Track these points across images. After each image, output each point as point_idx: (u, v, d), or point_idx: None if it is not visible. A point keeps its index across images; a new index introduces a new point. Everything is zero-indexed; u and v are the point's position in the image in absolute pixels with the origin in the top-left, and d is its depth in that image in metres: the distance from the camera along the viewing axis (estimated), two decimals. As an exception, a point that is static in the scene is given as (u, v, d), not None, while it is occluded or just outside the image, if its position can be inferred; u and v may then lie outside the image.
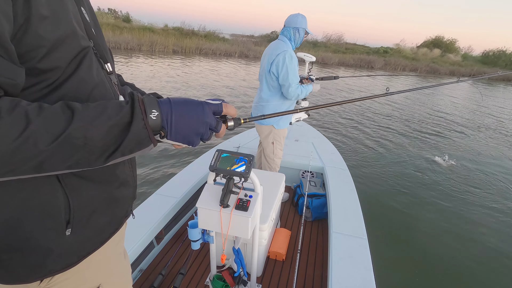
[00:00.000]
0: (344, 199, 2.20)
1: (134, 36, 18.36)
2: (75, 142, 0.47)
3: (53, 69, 0.52)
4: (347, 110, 8.34)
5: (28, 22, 0.47)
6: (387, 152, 5.45)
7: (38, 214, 0.56)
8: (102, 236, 0.69)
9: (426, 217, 3.48)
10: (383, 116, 8.16)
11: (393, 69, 24.96)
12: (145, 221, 1.78)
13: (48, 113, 0.46)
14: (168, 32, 22.22)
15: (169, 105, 0.56)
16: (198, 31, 25.31)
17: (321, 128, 6.28)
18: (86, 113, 0.48)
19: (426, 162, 5.14)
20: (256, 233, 1.45)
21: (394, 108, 9.47)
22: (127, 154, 0.54)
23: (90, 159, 0.50)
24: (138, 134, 0.52)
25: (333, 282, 1.47)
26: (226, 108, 0.65)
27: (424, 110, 9.74)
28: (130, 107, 0.52)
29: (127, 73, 10.17)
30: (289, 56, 2.11)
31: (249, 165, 1.21)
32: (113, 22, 21.05)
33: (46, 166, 0.47)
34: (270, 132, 2.36)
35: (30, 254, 0.58)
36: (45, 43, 0.49)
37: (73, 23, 0.55)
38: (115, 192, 0.69)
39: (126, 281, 0.84)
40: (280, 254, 1.94)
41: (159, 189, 2.12)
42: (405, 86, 15.29)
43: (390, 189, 4.03)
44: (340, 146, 5.41)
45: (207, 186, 1.32)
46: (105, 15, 22.98)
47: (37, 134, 0.44)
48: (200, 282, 1.76)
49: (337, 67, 21.65)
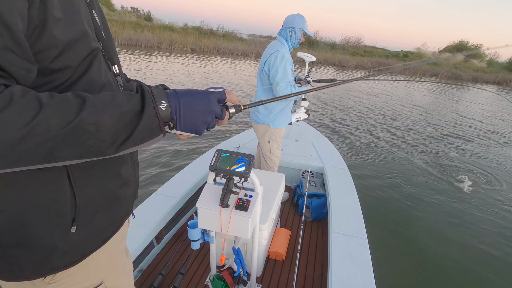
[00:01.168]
0: (344, 199, 2.20)
1: (155, 34, 18.75)
2: (87, 128, 0.46)
3: (64, 69, 0.53)
4: (347, 110, 8.35)
5: (44, 24, 0.48)
6: (387, 152, 5.45)
7: (45, 211, 0.57)
8: (105, 234, 0.70)
9: (426, 217, 3.48)
10: (384, 117, 8.16)
11: (412, 74, 24.23)
12: (145, 221, 1.78)
13: (60, 99, 0.46)
14: (187, 31, 22.72)
15: (176, 97, 0.57)
16: (217, 31, 25.64)
17: (321, 128, 6.28)
18: (97, 100, 0.49)
19: (427, 163, 5.14)
20: (256, 233, 1.45)
21: (393, 108, 9.47)
22: (138, 143, 0.54)
23: (101, 147, 0.50)
24: (149, 122, 0.53)
25: (333, 282, 1.47)
26: (229, 95, 0.67)
27: (428, 113, 9.74)
28: (141, 96, 0.53)
29: (145, 70, 10.29)
30: (281, 56, 2.10)
31: (249, 165, 1.21)
32: (135, 20, 21.65)
33: (57, 154, 0.46)
34: (266, 131, 2.36)
35: (36, 250, 0.58)
36: (58, 44, 0.50)
37: (85, 24, 0.56)
38: (118, 191, 0.70)
39: (128, 278, 0.85)
40: (280, 254, 1.94)
41: (159, 189, 2.12)
42: (426, 91, 15.11)
43: (390, 189, 4.03)
44: (340, 146, 5.41)
45: (207, 186, 1.32)
46: (127, 14, 23.78)
47: (50, 118, 0.44)
48: (200, 282, 1.76)
49: (354, 70, 21.34)
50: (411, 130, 7.12)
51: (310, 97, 8.23)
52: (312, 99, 8.79)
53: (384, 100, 10.61)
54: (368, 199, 3.68)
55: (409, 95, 12.90)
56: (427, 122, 8.19)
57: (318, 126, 6.37)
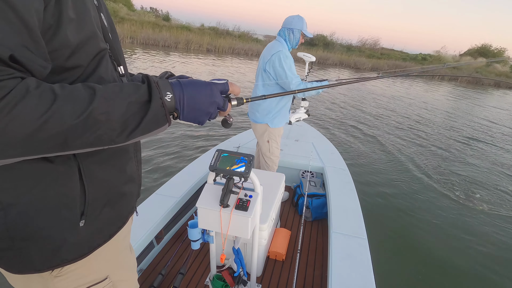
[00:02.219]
0: (344, 199, 2.20)
1: (172, 34, 19.21)
2: (98, 117, 0.49)
3: (76, 68, 0.56)
4: (347, 111, 8.35)
5: (58, 24, 0.50)
6: (388, 152, 5.44)
7: (55, 205, 0.59)
8: (111, 229, 0.72)
9: (427, 217, 3.48)
10: (384, 117, 8.16)
11: (431, 77, 23.22)
12: (145, 221, 1.78)
13: (72, 90, 0.48)
14: (204, 31, 23.29)
15: (180, 88, 0.60)
16: (233, 31, 26.02)
17: (321, 128, 6.28)
18: (106, 90, 0.51)
19: (426, 163, 5.14)
20: (256, 233, 1.45)
21: (393, 108, 9.48)
22: (146, 132, 0.56)
23: (112, 135, 0.52)
24: (157, 112, 0.55)
25: (333, 282, 1.47)
26: (232, 86, 0.69)
27: (428, 115, 9.75)
28: (147, 87, 0.56)
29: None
30: (284, 56, 2.11)
31: (249, 165, 1.21)
32: (153, 20, 22.15)
33: (70, 143, 0.49)
34: (265, 130, 2.36)
35: (46, 243, 0.60)
36: (71, 44, 0.53)
37: (94, 25, 0.59)
38: (124, 187, 0.72)
39: (132, 274, 0.87)
40: (280, 254, 1.94)
41: (159, 189, 2.12)
42: (443, 94, 14.88)
43: (390, 189, 4.03)
44: (340, 146, 5.41)
45: (207, 186, 1.32)
46: (147, 14, 24.32)
47: (64, 108, 0.46)
48: (200, 282, 1.76)
49: (369, 73, 20.95)
50: (414, 131, 7.12)
51: (309, 98, 8.22)
52: (311, 99, 8.78)
53: (388, 101, 10.61)
54: (368, 199, 3.68)
55: (418, 96, 12.90)
56: (432, 123, 8.19)
57: (318, 126, 6.37)
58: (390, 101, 10.66)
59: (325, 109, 8.24)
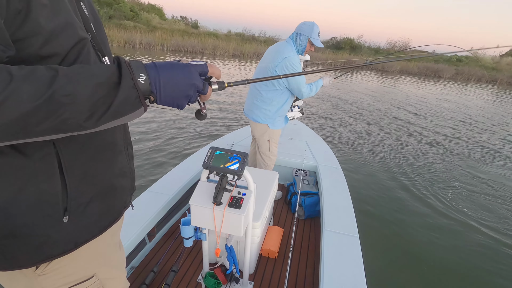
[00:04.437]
0: (336, 198, 2.22)
1: (200, 41, 20.47)
2: (61, 99, 0.45)
3: (53, 56, 0.53)
4: (342, 109, 8.40)
5: (28, 8, 0.47)
6: (380, 150, 5.50)
7: (35, 202, 0.57)
8: (100, 225, 0.70)
9: (418, 215, 3.53)
10: (379, 115, 8.24)
11: (466, 80, 22.15)
12: (137, 218, 1.77)
13: (31, 70, 0.44)
14: (230, 37, 24.34)
15: (155, 69, 0.56)
16: (259, 36, 26.70)
17: (314, 127, 6.31)
18: (71, 71, 0.48)
19: (419, 161, 5.21)
20: (249, 230, 1.45)
21: (391, 106, 9.57)
22: (118, 116, 0.53)
23: (79, 119, 0.48)
24: (128, 94, 0.51)
25: (324, 279, 1.49)
26: (211, 68, 0.65)
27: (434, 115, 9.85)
28: (117, 67, 0.52)
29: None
30: (296, 62, 2.13)
31: (243, 163, 1.21)
32: (183, 28, 23.87)
33: (32, 128, 0.45)
34: (265, 130, 2.36)
35: (28, 240, 0.59)
36: (43, 31, 0.50)
37: (71, 13, 0.56)
38: (114, 181, 0.71)
39: (121, 271, 0.85)
40: (273, 251, 1.95)
41: (151, 186, 2.10)
42: (480, 97, 14.48)
43: (382, 187, 4.08)
44: (334, 145, 5.45)
45: (200, 184, 1.31)
46: (177, 22, 26.15)
47: (21, 89, 0.42)
48: (192, 280, 1.76)
49: (397, 76, 20.44)
50: (403, 128, 7.20)
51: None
52: (310, 100, 8.81)
53: (387, 99, 10.70)
54: (360, 197, 3.72)
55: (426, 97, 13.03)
56: (428, 120, 8.29)
57: (312, 125, 6.40)
58: (392, 100, 10.74)
59: (319, 108, 8.28)
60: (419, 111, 9.66)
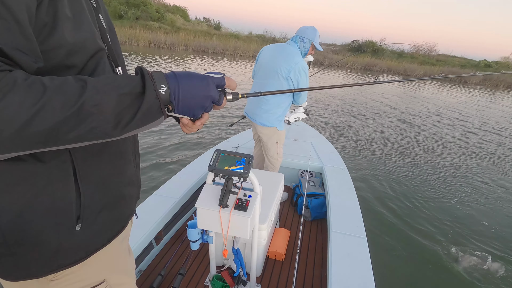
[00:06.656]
0: (343, 199, 2.20)
1: (221, 42, 20.81)
2: (90, 109, 0.47)
3: (73, 67, 0.55)
4: (346, 111, 8.36)
5: (54, 22, 0.49)
6: (386, 151, 5.46)
7: (49, 210, 0.58)
8: (110, 233, 0.71)
9: (426, 216, 3.49)
10: (384, 116, 8.18)
11: (495, 86, 21.01)
12: (144, 221, 1.78)
13: (63, 82, 0.47)
14: (251, 39, 24.79)
15: (175, 80, 0.57)
16: (279, 38, 26.74)
17: (320, 128, 6.29)
18: (98, 82, 0.50)
19: (425, 162, 5.15)
20: (256, 233, 1.45)
21: (393, 107, 9.49)
22: (141, 125, 0.55)
23: (106, 128, 0.50)
24: (151, 104, 0.53)
25: (332, 281, 1.47)
26: (228, 81, 0.67)
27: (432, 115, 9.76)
28: (141, 78, 0.54)
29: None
30: (307, 68, 2.15)
31: (248, 165, 1.21)
32: (206, 29, 24.26)
33: (63, 136, 0.47)
34: (274, 133, 2.36)
35: (41, 248, 0.59)
36: (68, 42, 0.52)
37: (92, 24, 0.58)
38: (123, 190, 0.71)
39: (131, 277, 0.86)
40: (280, 254, 1.94)
41: (158, 190, 2.11)
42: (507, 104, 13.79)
43: (389, 188, 4.04)
44: (339, 146, 5.42)
45: (206, 186, 1.32)
46: (200, 23, 26.59)
47: (54, 100, 0.44)
48: (200, 282, 1.76)
49: (419, 79, 19.99)
50: (411, 130, 7.13)
51: (309, 99, 8.24)
52: (310, 101, 8.79)
53: (389, 102, 10.63)
54: (367, 198, 3.69)
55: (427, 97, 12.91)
56: (428, 122, 8.21)
57: (317, 126, 6.37)
58: (395, 103, 10.67)
59: (324, 109, 8.25)
60: (424, 114, 9.55)
